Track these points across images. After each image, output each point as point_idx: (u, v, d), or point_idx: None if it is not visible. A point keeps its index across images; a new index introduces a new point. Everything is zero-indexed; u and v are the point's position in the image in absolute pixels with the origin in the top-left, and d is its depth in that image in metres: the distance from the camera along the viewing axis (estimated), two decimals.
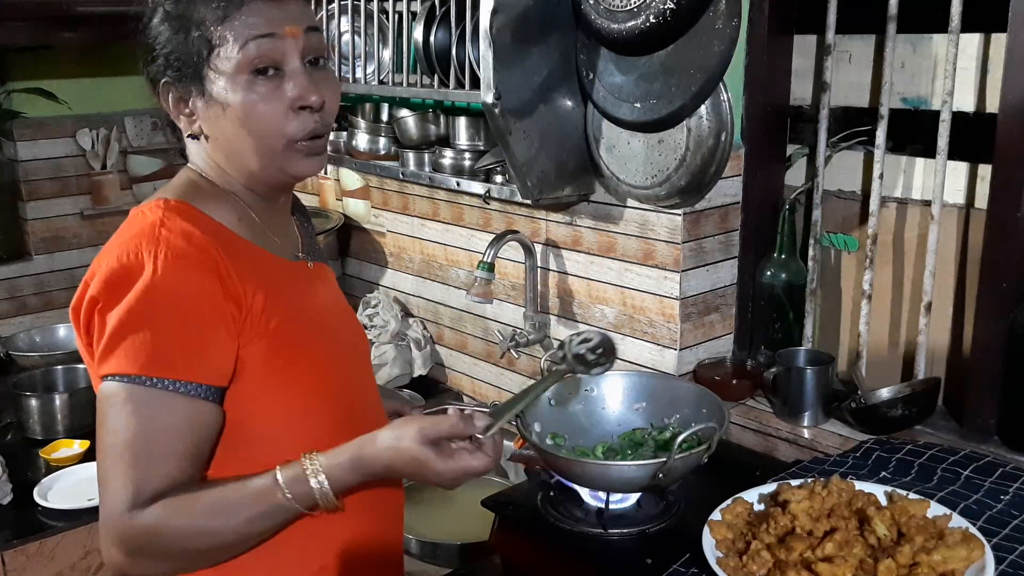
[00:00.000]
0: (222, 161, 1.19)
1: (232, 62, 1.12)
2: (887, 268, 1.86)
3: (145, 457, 1.08)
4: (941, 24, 1.65)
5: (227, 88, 1.13)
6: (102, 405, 1.10)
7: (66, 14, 2.54)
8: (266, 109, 1.13)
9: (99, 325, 1.11)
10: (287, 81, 1.14)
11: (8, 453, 2.07)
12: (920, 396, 1.73)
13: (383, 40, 2.22)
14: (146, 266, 1.09)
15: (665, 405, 1.69)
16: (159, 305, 1.09)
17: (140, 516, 1.07)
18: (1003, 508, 1.36)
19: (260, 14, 1.12)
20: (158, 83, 1.17)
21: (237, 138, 1.15)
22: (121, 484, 1.07)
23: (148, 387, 1.08)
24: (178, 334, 1.09)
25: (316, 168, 1.21)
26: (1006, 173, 1.59)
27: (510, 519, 1.62)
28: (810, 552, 1.17)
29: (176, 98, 1.17)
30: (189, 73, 1.14)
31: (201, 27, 1.12)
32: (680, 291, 1.89)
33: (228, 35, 1.11)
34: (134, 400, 1.08)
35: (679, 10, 1.63)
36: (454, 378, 2.53)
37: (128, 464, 1.07)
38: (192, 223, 1.14)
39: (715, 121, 1.74)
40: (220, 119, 1.15)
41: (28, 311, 2.95)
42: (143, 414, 1.08)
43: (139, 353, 1.08)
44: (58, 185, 2.96)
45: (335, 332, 1.29)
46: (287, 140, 1.15)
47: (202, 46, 1.12)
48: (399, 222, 2.58)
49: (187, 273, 1.10)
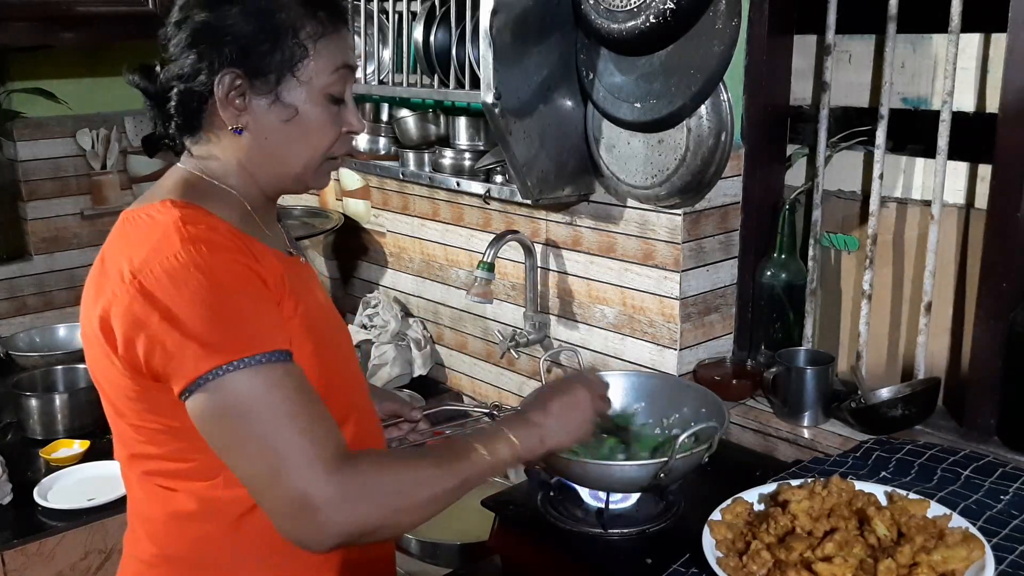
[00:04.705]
0: (256, 158, 1.19)
1: (319, 79, 1.17)
2: (887, 268, 1.86)
3: (308, 422, 1.05)
4: (941, 24, 1.65)
5: (305, 99, 1.17)
6: (223, 401, 1.05)
7: (66, 14, 2.54)
8: (329, 131, 1.21)
9: (166, 334, 1.05)
10: (346, 109, 1.22)
11: (8, 453, 2.07)
12: (920, 396, 1.73)
13: (383, 40, 2.22)
14: (192, 262, 1.07)
15: (665, 405, 1.69)
16: (225, 291, 1.07)
17: (346, 465, 1.05)
18: (1003, 508, 1.36)
19: (347, 43, 1.22)
20: (218, 68, 1.14)
21: (289, 144, 1.19)
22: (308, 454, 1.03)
23: (264, 364, 1.05)
24: (253, 311, 1.09)
25: (328, 183, 1.30)
26: (1006, 173, 1.59)
27: (510, 519, 1.62)
28: (810, 552, 1.17)
29: (233, 88, 1.15)
30: (266, 71, 1.15)
31: (299, 35, 1.15)
32: (680, 291, 1.89)
33: (324, 53, 1.17)
34: (259, 380, 1.05)
35: (679, 10, 1.63)
36: (454, 378, 2.53)
37: (300, 433, 1.04)
38: (207, 219, 1.14)
39: (715, 121, 1.74)
40: (285, 123, 1.18)
41: (28, 311, 2.95)
42: (278, 388, 1.05)
43: (235, 337, 1.05)
44: (58, 185, 2.96)
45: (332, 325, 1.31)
46: (328, 157, 1.23)
47: (297, 53, 1.15)
48: (399, 222, 2.58)
49: (231, 255, 1.10)
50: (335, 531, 1.04)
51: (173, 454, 1.16)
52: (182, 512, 1.19)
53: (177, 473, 1.18)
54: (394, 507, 1.08)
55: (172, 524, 1.20)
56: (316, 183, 1.25)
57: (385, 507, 1.07)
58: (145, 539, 1.24)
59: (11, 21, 2.49)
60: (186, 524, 1.19)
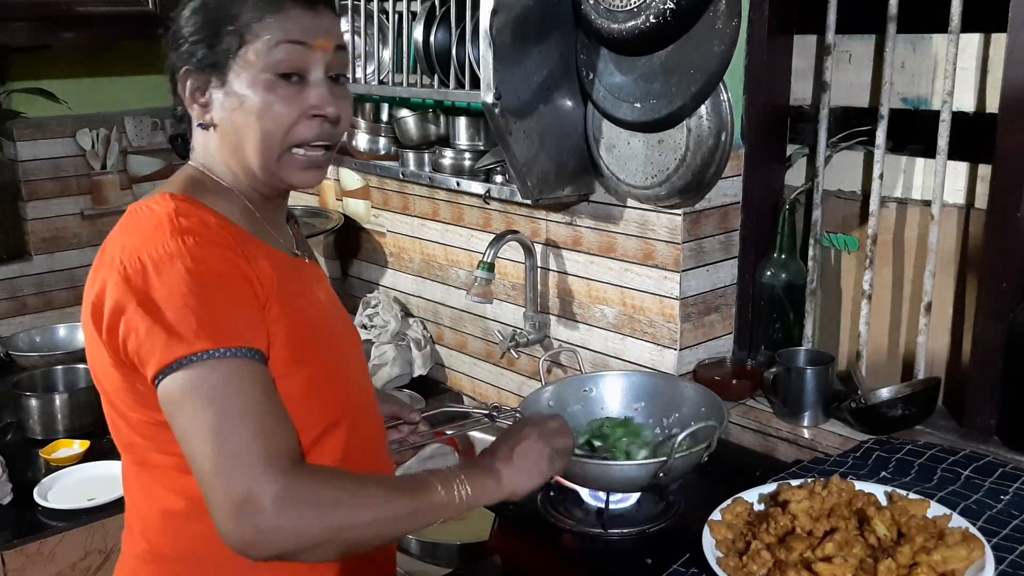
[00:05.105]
0: (227, 154, 1.21)
1: (260, 60, 1.14)
2: (887, 268, 1.86)
3: (262, 423, 1.03)
4: (941, 24, 1.65)
5: (249, 84, 1.15)
6: (183, 390, 1.04)
7: (66, 14, 2.54)
8: (281, 110, 1.16)
9: (141, 320, 1.06)
10: (308, 89, 1.17)
11: (8, 453, 2.06)
12: (920, 396, 1.73)
13: (383, 40, 2.22)
14: (177, 252, 1.08)
15: (665, 405, 1.69)
16: (206, 283, 1.07)
17: (296, 470, 1.02)
18: (1003, 508, 1.36)
19: (296, 21, 1.15)
20: (179, 70, 1.19)
21: (245, 132, 1.17)
22: (256, 453, 1.01)
23: (228, 358, 1.04)
24: (231, 306, 1.08)
25: (311, 180, 1.22)
26: (1006, 173, 1.59)
27: (510, 519, 1.62)
28: (810, 552, 1.17)
29: (194, 87, 1.18)
30: (213, 63, 1.16)
31: (236, 22, 1.15)
32: (680, 291, 1.89)
33: (261, 34, 1.14)
34: (221, 373, 1.04)
35: (679, 10, 1.63)
36: (454, 378, 2.53)
37: (253, 432, 1.02)
38: (201, 212, 1.15)
39: (715, 121, 1.74)
40: (235, 112, 1.17)
41: (28, 311, 2.95)
42: (238, 384, 1.04)
43: (206, 328, 1.05)
44: (58, 185, 2.96)
45: (335, 327, 1.30)
46: (290, 144, 1.17)
47: (233, 40, 1.15)
48: (399, 222, 2.58)
49: (219, 250, 1.10)
50: (274, 537, 1.00)
51: (161, 447, 1.16)
52: (172, 510, 1.19)
53: (165, 466, 1.18)
54: (337, 522, 1.04)
55: (163, 521, 1.21)
56: (289, 177, 1.20)
57: (328, 519, 1.03)
58: (139, 535, 1.25)
59: (11, 21, 2.49)
60: (177, 521, 1.20)
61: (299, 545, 1.02)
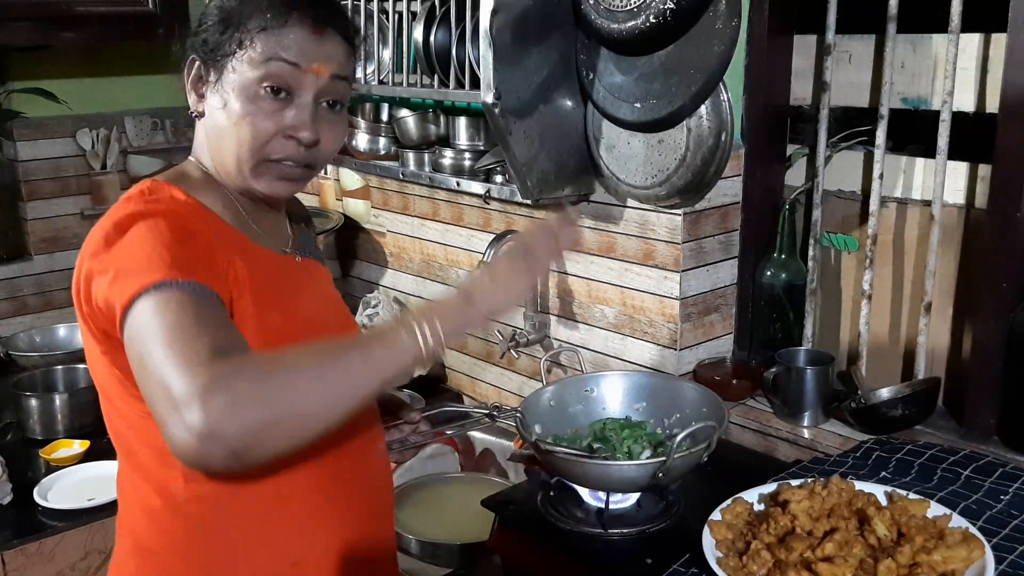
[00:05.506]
0: (212, 148, 1.23)
1: (250, 69, 1.16)
2: (887, 268, 1.86)
3: (199, 331, 0.98)
4: (941, 24, 1.65)
5: (236, 89, 1.17)
6: (133, 326, 1.01)
7: (66, 14, 2.55)
8: (259, 124, 1.16)
9: (104, 274, 1.06)
10: (291, 109, 1.17)
11: (8, 453, 2.06)
12: (920, 396, 1.73)
13: (383, 40, 2.22)
14: (138, 214, 1.10)
15: (665, 405, 1.69)
16: (163, 235, 1.07)
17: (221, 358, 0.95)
18: (1003, 508, 1.36)
19: (297, 42, 1.16)
20: (187, 56, 1.22)
21: (223, 134, 1.19)
22: (185, 359, 0.95)
23: (179, 288, 1.02)
24: (190, 251, 1.08)
25: (281, 192, 1.22)
26: (1006, 173, 1.59)
27: (510, 519, 1.62)
28: (810, 552, 1.17)
29: (196, 76, 1.22)
30: (214, 59, 1.18)
31: (242, 27, 1.16)
32: (680, 291, 1.89)
33: (259, 44, 1.16)
34: (170, 301, 1.00)
35: (679, 10, 1.63)
36: (454, 378, 2.53)
37: (185, 344, 0.96)
38: (173, 190, 1.18)
39: (715, 121, 1.74)
40: (219, 111, 1.19)
41: (28, 311, 2.95)
42: (184, 308, 1.00)
43: (159, 263, 1.03)
44: (58, 185, 2.96)
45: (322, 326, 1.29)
46: (264, 157, 1.18)
47: (235, 43, 1.17)
48: (399, 222, 2.58)
49: (182, 219, 1.12)
50: (216, 429, 0.92)
51: (145, 439, 1.16)
52: (154, 504, 1.20)
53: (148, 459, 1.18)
54: (278, 390, 0.96)
55: (146, 515, 1.22)
56: (259, 185, 1.20)
57: (264, 390, 0.95)
58: (126, 529, 1.25)
59: (11, 21, 2.49)
60: (159, 516, 1.20)
61: (243, 430, 0.93)
